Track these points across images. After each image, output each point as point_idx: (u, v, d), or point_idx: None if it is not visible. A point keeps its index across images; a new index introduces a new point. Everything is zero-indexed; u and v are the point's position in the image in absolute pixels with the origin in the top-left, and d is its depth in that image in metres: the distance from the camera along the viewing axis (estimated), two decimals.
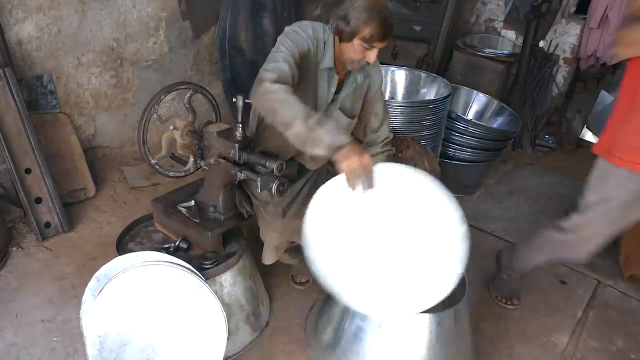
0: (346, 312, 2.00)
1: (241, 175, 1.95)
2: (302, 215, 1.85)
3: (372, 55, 1.91)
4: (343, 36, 1.89)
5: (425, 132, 3.02)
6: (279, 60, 1.81)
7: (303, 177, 2.25)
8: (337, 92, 2.08)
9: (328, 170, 2.25)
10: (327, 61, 1.99)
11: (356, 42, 1.87)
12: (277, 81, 1.71)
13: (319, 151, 1.61)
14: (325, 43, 1.99)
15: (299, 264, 2.49)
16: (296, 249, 2.40)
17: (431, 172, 2.46)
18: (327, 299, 2.15)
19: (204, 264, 2.03)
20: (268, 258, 2.26)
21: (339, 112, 2.11)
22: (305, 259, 2.40)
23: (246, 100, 1.93)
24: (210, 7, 3.70)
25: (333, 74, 2.03)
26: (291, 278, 2.55)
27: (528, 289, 2.67)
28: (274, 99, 1.67)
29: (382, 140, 2.28)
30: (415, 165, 2.43)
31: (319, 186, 1.79)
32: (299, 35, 1.93)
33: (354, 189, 1.62)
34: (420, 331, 1.91)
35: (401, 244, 1.66)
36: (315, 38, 1.96)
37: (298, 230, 2.06)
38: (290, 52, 1.86)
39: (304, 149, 1.65)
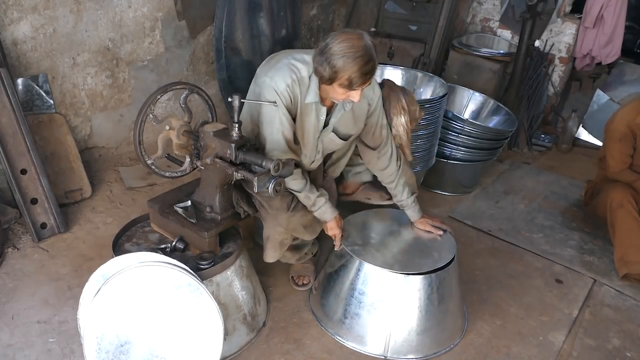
0: (350, 290, 2.22)
1: (237, 175, 1.95)
2: (304, 209, 2.17)
3: (355, 95, 1.91)
4: (323, 80, 1.89)
5: (421, 132, 3.03)
6: (276, 144, 2.03)
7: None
8: (328, 118, 2.13)
9: (324, 169, 2.41)
10: (311, 97, 2.02)
11: (335, 86, 1.88)
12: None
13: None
14: (309, 79, 2.00)
15: (297, 262, 2.49)
16: (296, 247, 2.40)
17: (411, 112, 2.45)
18: (326, 286, 2.33)
19: (201, 264, 2.02)
20: (271, 255, 2.24)
21: (332, 135, 2.16)
22: (304, 259, 2.45)
23: (242, 100, 1.93)
24: (206, 7, 3.70)
25: (319, 107, 2.07)
26: (291, 280, 2.55)
27: (524, 289, 2.68)
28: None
29: (391, 154, 2.35)
30: (390, 104, 2.42)
31: (317, 174, 2.33)
32: (277, 109, 1.97)
33: (337, 247, 2.26)
34: (411, 291, 2.15)
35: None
36: (293, 85, 1.98)
37: (302, 225, 2.12)
38: (282, 132, 2.02)
39: None
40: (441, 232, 2.37)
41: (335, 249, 2.28)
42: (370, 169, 2.43)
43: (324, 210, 2.17)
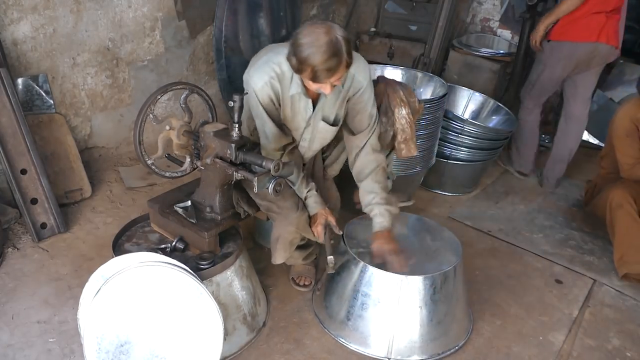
0: (353, 291, 2.21)
1: (238, 175, 1.95)
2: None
3: (326, 88, 1.91)
4: (293, 70, 1.90)
5: (421, 132, 3.02)
6: (268, 141, 2.07)
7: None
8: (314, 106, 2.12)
9: (323, 158, 2.43)
10: (294, 88, 2.03)
11: (303, 76, 1.89)
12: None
13: None
14: (292, 72, 1.98)
15: (302, 262, 2.48)
16: (302, 247, 2.40)
17: (411, 104, 2.39)
18: (329, 287, 2.32)
19: (201, 265, 2.03)
20: (281, 256, 2.23)
21: (323, 123, 2.16)
22: (309, 259, 2.43)
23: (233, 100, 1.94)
24: (206, 7, 3.70)
25: (304, 97, 2.07)
26: (292, 281, 2.54)
27: (524, 289, 2.69)
28: None
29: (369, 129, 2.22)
30: (389, 98, 2.35)
31: (317, 174, 2.36)
32: (258, 106, 2.03)
33: (320, 237, 2.20)
34: (413, 292, 2.12)
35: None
36: (271, 82, 1.99)
37: (308, 224, 2.17)
38: (271, 128, 2.05)
39: None
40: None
41: (319, 241, 2.25)
42: (349, 161, 2.31)
43: (309, 203, 2.19)
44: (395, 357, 2.18)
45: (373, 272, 2.15)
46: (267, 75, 1.99)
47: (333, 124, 2.18)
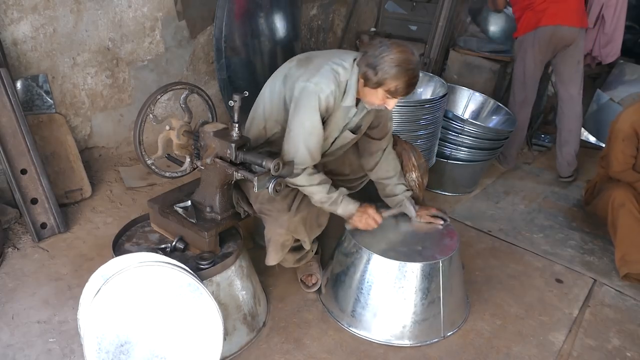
0: (359, 282, 2.29)
1: (238, 175, 1.95)
2: (305, 209, 2.16)
3: (391, 104, 2.01)
4: (368, 83, 1.96)
5: (421, 132, 3.03)
6: (304, 152, 2.02)
7: None
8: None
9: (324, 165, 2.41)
10: (349, 101, 2.06)
11: (380, 91, 1.95)
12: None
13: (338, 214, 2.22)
14: (347, 83, 2.04)
15: (297, 264, 2.48)
16: (295, 249, 2.40)
17: (419, 166, 2.53)
18: (336, 281, 2.40)
19: (201, 264, 2.03)
20: (273, 258, 2.23)
21: (347, 131, 2.19)
22: (305, 259, 2.44)
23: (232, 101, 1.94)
24: (207, 7, 3.70)
25: (352, 109, 2.11)
26: (302, 284, 2.53)
27: (524, 289, 2.69)
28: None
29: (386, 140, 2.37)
30: (402, 161, 2.51)
31: None
32: (316, 115, 1.99)
33: (379, 219, 2.24)
34: (410, 278, 2.22)
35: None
36: (336, 91, 2.01)
37: (302, 224, 2.14)
38: (315, 143, 2.03)
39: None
40: (441, 222, 2.41)
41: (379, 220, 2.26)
42: (367, 163, 2.41)
43: (347, 203, 2.18)
44: (396, 341, 2.24)
45: (373, 260, 2.23)
46: (333, 84, 2.00)
47: (354, 132, 2.22)
